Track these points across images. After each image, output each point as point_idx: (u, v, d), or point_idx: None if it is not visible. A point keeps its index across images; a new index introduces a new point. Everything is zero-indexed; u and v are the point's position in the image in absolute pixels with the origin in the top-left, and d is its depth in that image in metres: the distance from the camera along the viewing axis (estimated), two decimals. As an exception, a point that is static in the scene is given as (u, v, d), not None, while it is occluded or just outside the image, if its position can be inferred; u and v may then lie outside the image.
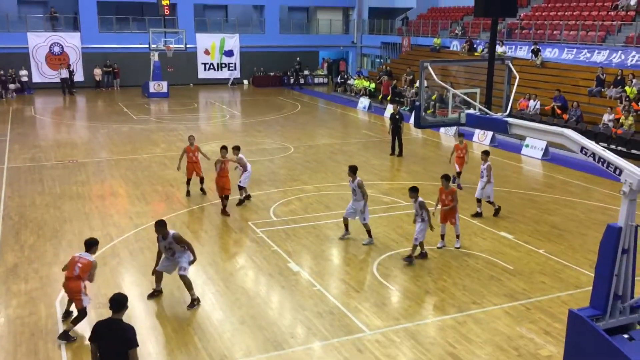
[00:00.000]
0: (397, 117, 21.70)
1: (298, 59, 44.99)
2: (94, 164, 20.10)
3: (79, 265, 9.13)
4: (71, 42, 39.95)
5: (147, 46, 37.68)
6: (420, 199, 12.04)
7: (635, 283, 8.08)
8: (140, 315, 9.85)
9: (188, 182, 16.46)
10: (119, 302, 6.57)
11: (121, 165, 19.86)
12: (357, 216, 13.07)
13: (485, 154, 14.95)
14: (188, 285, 10.16)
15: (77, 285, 9.10)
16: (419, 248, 12.13)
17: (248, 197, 15.88)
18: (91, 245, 9.41)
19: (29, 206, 15.46)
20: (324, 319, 9.75)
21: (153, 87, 37.27)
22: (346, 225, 13.29)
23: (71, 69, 38.92)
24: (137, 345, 6.43)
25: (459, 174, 17.12)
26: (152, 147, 22.80)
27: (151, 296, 10.43)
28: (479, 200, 14.88)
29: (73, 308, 9.44)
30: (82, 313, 9.18)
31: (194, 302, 10.16)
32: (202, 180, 16.53)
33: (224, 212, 14.81)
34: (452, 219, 12.76)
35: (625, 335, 7.92)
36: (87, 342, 6.67)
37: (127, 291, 10.50)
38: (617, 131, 21.61)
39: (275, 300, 10.52)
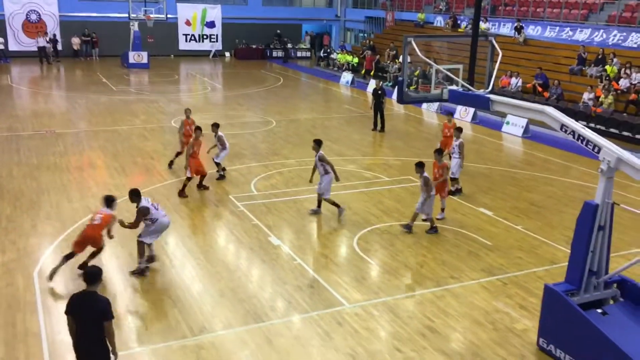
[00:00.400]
0: (380, 92, 21.65)
1: (278, 31, 44.42)
2: (72, 135, 19.80)
3: (100, 215, 9.90)
4: (48, 9, 39.01)
5: (127, 15, 36.94)
6: (425, 174, 12.10)
7: (610, 259, 8.25)
8: (119, 287, 9.81)
9: (177, 155, 16.22)
10: (92, 275, 6.55)
11: (100, 137, 19.59)
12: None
13: (458, 130, 14.93)
14: (139, 251, 10.19)
15: (96, 232, 9.83)
16: (424, 218, 12.40)
17: (223, 170, 15.70)
18: (111, 201, 10.11)
19: (5, 177, 15.22)
20: (304, 292, 9.80)
21: (133, 57, 36.64)
22: (319, 202, 13.28)
23: (51, 38, 38.01)
24: (113, 318, 6.45)
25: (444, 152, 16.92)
26: (131, 119, 22.49)
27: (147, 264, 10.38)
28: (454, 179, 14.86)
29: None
30: (100, 250, 10.12)
31: (138, 270, 10.13)
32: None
33: (203, 187, 14.67)
34: (442, 193, 12.91)
35: (599, 310, 8.09)
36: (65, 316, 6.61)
37: (106, 263, 10.46)
38: (597, 110, 21.82)
39: (255, 274, 10.54)
